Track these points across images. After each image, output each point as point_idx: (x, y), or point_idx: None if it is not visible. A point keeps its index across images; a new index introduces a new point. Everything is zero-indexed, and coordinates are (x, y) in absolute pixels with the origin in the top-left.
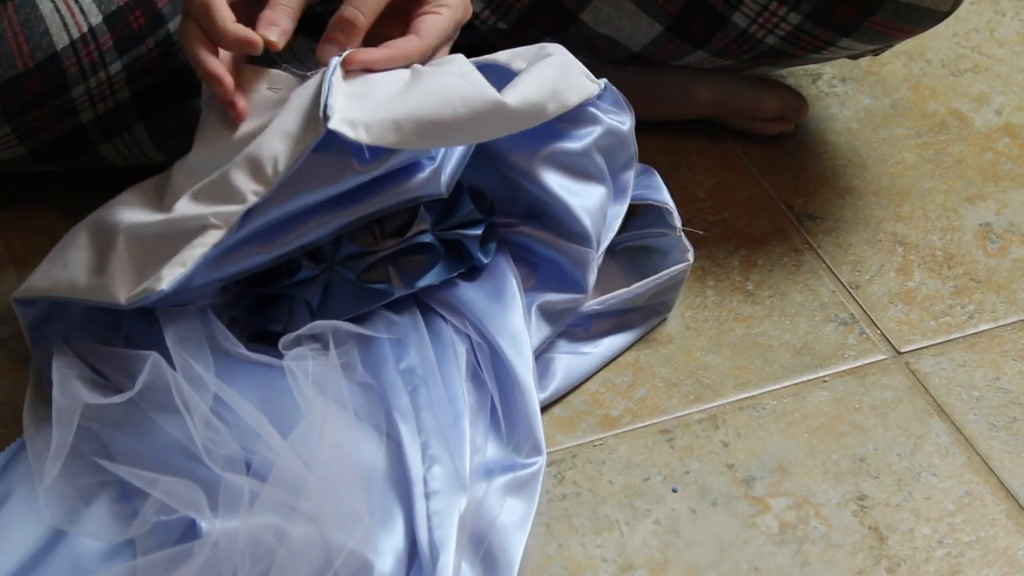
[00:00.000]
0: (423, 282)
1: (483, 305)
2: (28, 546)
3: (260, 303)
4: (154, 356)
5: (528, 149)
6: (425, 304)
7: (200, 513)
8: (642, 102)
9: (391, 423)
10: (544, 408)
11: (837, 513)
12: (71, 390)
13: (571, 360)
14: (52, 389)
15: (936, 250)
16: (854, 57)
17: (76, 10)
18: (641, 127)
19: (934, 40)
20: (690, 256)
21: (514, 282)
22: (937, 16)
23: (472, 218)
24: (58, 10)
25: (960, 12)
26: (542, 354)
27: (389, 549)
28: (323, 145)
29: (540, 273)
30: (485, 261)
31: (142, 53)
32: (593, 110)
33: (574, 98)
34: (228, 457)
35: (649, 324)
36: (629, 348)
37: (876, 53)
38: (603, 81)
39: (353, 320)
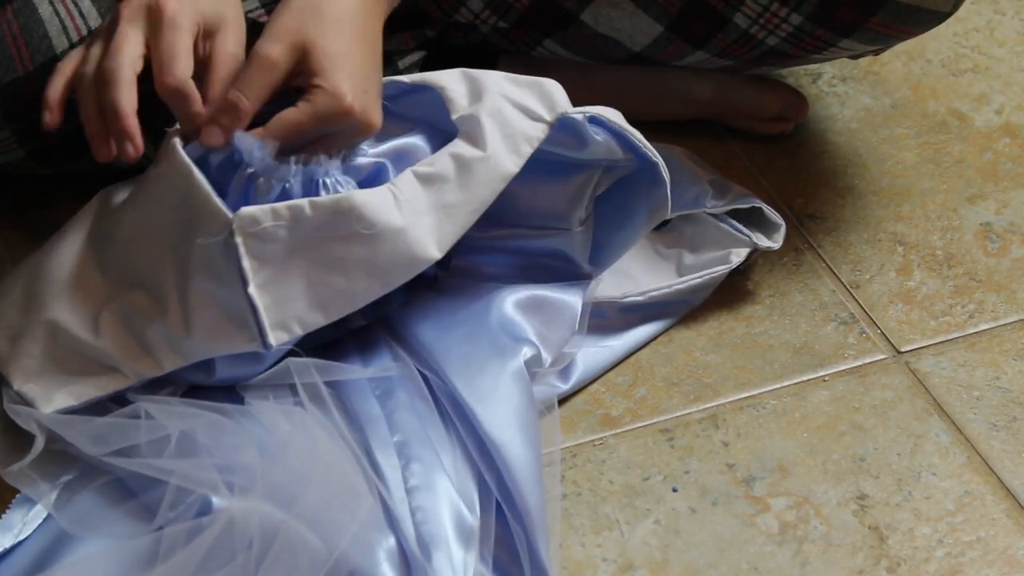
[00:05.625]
0: None
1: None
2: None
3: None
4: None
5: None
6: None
7: (216, 491)
8: (642, 102)
9: (356, 427)
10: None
11: (837, 513)
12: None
13: (594, 352)
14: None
15: (936, 250)
16: (854, 57)
17: (75, 13)
18: (641, 127)
19: (934, 40)
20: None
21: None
22: (938, 17)
23: None
24: (57, 14)
25: (960, 12)
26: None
27: (384, 548)
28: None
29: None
30: None
31: None
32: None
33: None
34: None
35: (671, 320)
36: (651, 342)
37: (876, 53)
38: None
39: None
